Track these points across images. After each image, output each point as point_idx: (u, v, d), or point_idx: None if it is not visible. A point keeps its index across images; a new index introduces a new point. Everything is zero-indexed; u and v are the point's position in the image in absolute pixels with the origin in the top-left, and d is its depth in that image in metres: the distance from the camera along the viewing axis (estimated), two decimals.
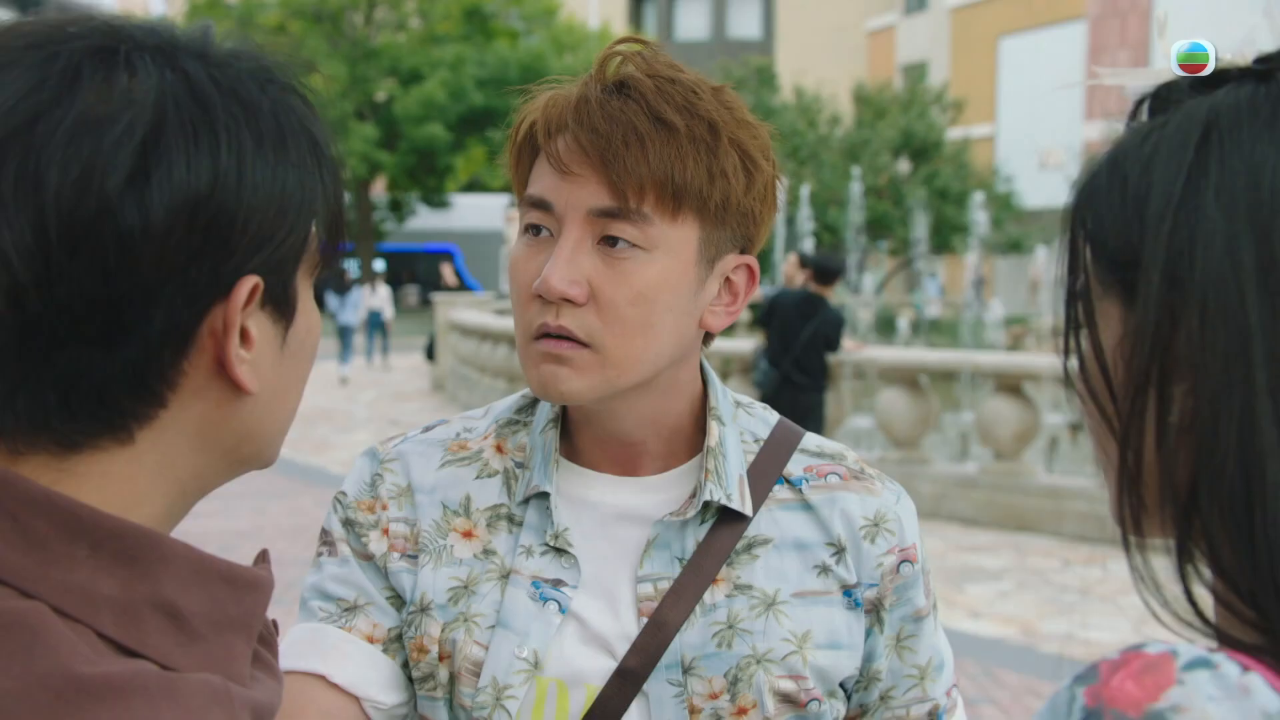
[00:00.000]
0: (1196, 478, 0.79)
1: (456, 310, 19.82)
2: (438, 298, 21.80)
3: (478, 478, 1.46)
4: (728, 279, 1.40)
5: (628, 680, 1.36)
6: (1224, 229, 0.78)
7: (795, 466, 1.46)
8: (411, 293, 41.50)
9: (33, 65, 0.81)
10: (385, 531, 1.45)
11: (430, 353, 21.25)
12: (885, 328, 22.58)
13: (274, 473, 12.62)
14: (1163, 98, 0.87)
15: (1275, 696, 0.72)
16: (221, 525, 9.95)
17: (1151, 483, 0.82)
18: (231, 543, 9.26)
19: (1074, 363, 0.88)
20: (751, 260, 1.41)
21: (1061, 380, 0.87)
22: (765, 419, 1.51)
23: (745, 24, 48.61)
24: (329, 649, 1.41)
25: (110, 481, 0.85)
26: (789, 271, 11.49)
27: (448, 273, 28.08)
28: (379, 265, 32.37)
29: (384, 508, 1.46)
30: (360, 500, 1.47)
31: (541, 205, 1.34)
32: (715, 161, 1.32)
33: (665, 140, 1.29)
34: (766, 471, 1.45)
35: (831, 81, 35.48)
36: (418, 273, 41.32)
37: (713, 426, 1.43)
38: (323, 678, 1.38)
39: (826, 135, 32.97)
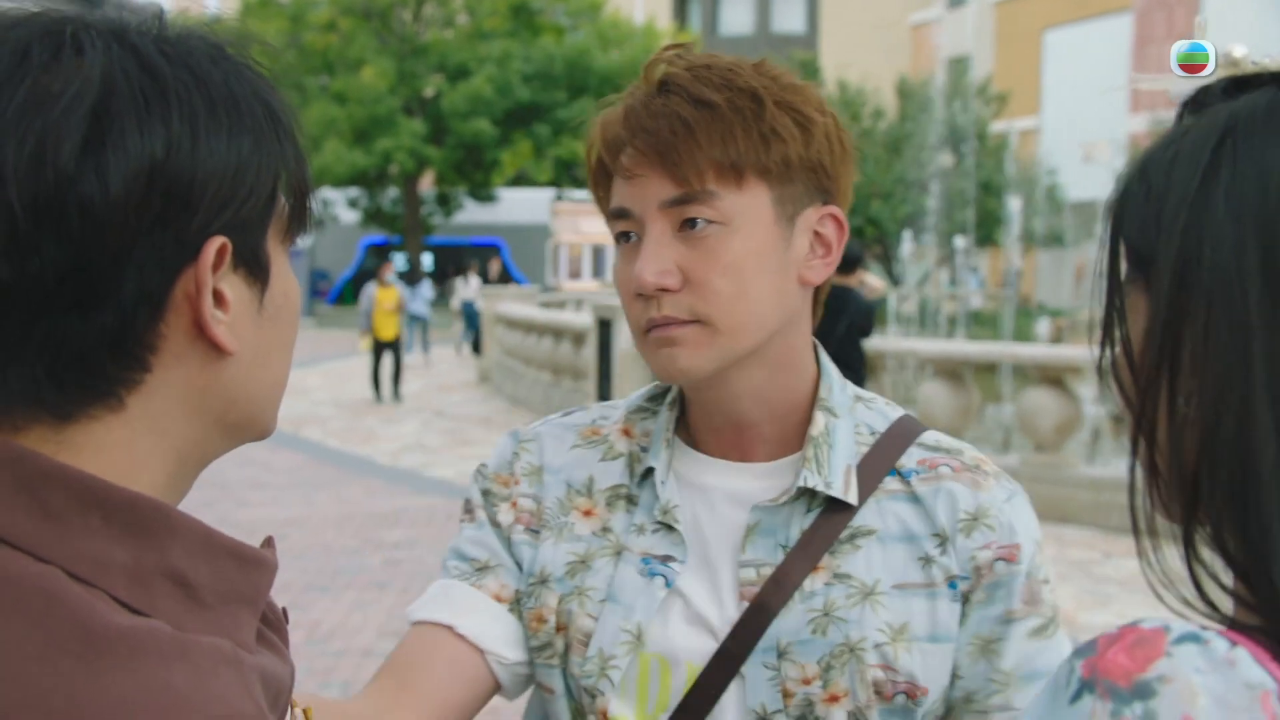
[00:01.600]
0: (1199, 465, 0.82)
1: (503, 303, 19.93)
2: (487, 290, 21.92)
3: (602, 460, 1.53)
4: (816, 232, 1.43)
5: (727, 661, 1.40)
6: (1232, 230, 0.81)
7: (909, 460, 1.46)
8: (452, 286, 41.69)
9: None
10: (514, 505, 1.53)
11: (476, 345, 21.38)
12: (924, 320, 22.53)
13: (322, 463, 12.78)
14: (1199, 101, 0.90)
15: (1259, 670, 0.75)
16: (271, 514, 10.10)
17: (1165, 467, 0.85)
18: (281, 531, 9.35)
19: (1111, 354, 0.91)
20: (836, 210, 1.43)
21: (1097, 371, 0.91)
22: (885, 413, 1.51)
23: (789, 19, 48.46)
24: (458, 603, 1.48)
25: (107, 450, 0.87)
26: None
27: (493, 269, 28.38)
28: (427, 259, 32.56)
29: (516, 483, 1.54)
30: (498, 474, 1.56)
31: (622, 214, 1.40)
32: (764, 124, 1.36)
33: (709, 119, 1.34)
34: (878, 464, 1.46)
35: (875, 75, 35.35)
36: (465, 266, 41.55)
37: (818, 417, 1.45)
38: (450, 628, 1.46)
39: (870, 129, 32.86)
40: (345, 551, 8.86)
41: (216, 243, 0.87)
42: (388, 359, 18.33)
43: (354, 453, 13.57)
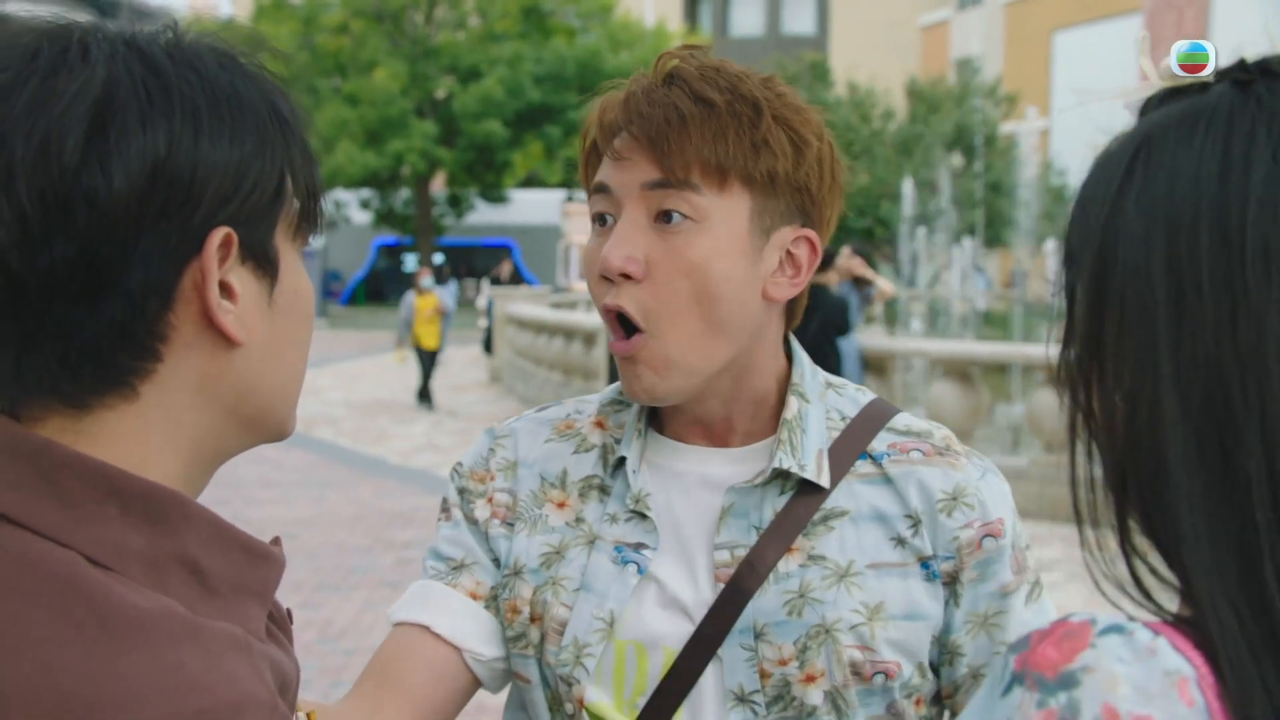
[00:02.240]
0: (1124, 456, 0.86)
1: (514, 304, 19.95)
2: (496, 291, 21.96)
3: (575, 452, 1.55)
4: (789, 251, 1.44)
5: (703, 644, 1.42)
6: (1141, 229, 0.84)
7: (879, 443, 1.48)
8: (470, 286, 41.78)
9: None
10: (490, 500, 1.55)
11: (487, 345, 21.41)
12: (935, 321, 22.51)
13: (334, 462, 12.81)
14: (1143, 112, 0.92)
15: (1178, 657, 0.78)
16: (283, 513, 10.13)
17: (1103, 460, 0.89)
18: (292, 530, 9.41)
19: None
20: (811, 234, 1.44)
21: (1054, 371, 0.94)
22: (856, 399, 1.53)
23: (799, 20, 48.47)
24: (434, 603, 1.50)
25: (122, 440, 0.90)
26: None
27: (504, 269, 28.50)
28: (438, 259, 32.57)
29: (492, 479, 1.56)
30: (474, 471, 1.58)
31: (601, 189, 1.42)
32: (758, 134, 1.37)
33: (706, 116, 1.36)
34: (849, 447, 1.47)
35: (885, 76, 35.36)
36: (476, 267, 41.57)
37: (791, 401, 1.47)
38: (427, 628, 1.49)
39: (880, 130, 32.88)
40: (357, 551, 8.90)
41: (220, 234, 0.89)
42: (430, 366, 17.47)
43: (366, 452, 13.59)
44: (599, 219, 1.44)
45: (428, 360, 17.31)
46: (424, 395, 17.30)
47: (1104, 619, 0.80)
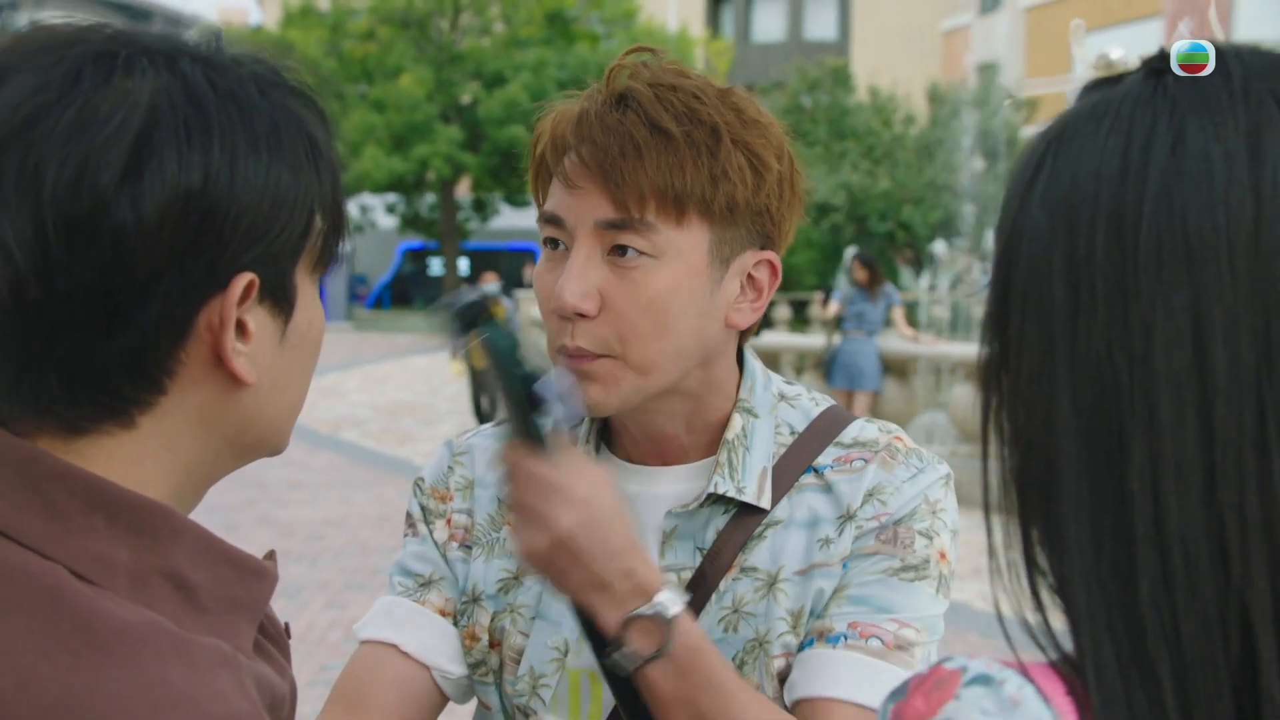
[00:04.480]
0: (1021, 462, 0.82)
1: (536, 307, 19.96)
2: (520, 294, 22.08)
3: None
4: (750, 275, 1.40)
5: None
6: (1044, 225, 0.80)
7: (825, 458, 1.44)
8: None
9: (38, 69, 0.84)
10: (449, 521, 1.53)
11: None
12: (956, 324, 22.54)
13: (360, 464, 12.90)
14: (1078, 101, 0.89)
15: (1041, 707, 0.75)
16: (310, 514, 10.17)
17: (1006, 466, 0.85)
18: (319, 531, 9.45)
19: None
20: (772, 256, 1.40)
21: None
22: (807, 411, 1.48)
23: (822, 25, 48.39)
24: (402, 620, 1.49)
25: (115, 463, 0.88)
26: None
27: (527, 273, 28.62)
28: (464, 263, 32.62)
29: (450, 499, 1.54)
30: (435, 488, 1.56)
31: (554, 221, 1.37)
32: (716, 164, 1.31)
33: (662, 148, 1.30)
34: (795, 464, 1.43)
35: (906, 81, 35.36)
36: (500, 270, 41.76)
37: (735, 420, 1.43)
38: (395, 647, 1.47)
39: (901, 134, 32.90)
40: (382, 551, 8.96)
41: (244, 279, 0.88)
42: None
43: (391, 454, 13.64)
44: (550, 242, 1.39)
45: (477, 379, 15.76)
46: (481, 416, 15.90)
47: (975, 667, 0.78)
